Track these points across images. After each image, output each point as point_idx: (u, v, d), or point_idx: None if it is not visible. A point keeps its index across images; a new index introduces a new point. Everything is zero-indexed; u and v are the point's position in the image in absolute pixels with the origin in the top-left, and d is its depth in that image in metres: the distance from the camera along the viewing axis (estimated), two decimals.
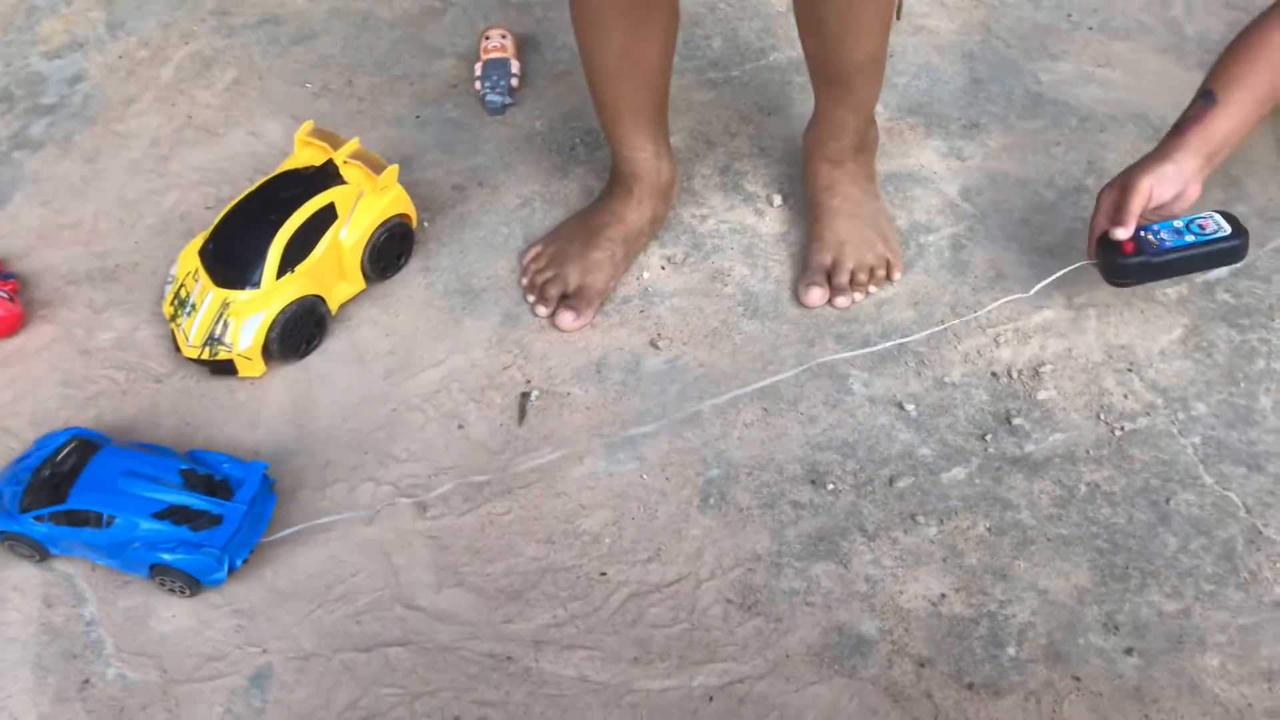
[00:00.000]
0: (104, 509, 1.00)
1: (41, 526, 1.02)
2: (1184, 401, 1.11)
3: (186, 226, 1.31)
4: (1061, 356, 1.15)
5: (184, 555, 0.99)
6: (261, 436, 1.13)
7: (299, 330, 1.16)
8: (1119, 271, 1.12)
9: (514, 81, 1.42)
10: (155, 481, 1.02)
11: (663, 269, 1.25)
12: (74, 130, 1.44)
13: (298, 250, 1.15)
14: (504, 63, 1.43)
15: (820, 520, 1.04)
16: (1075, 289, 1.19)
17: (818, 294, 1.18)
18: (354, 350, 1.19)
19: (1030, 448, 1.08)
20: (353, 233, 1.19)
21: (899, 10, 1.11)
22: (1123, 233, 1.09)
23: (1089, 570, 1.00)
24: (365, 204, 1.20)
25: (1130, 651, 0.95)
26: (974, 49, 1.47)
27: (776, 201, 1.30)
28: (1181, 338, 1.16)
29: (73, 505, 1.01)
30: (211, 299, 1.14)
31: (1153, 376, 1.13)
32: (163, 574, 1.01)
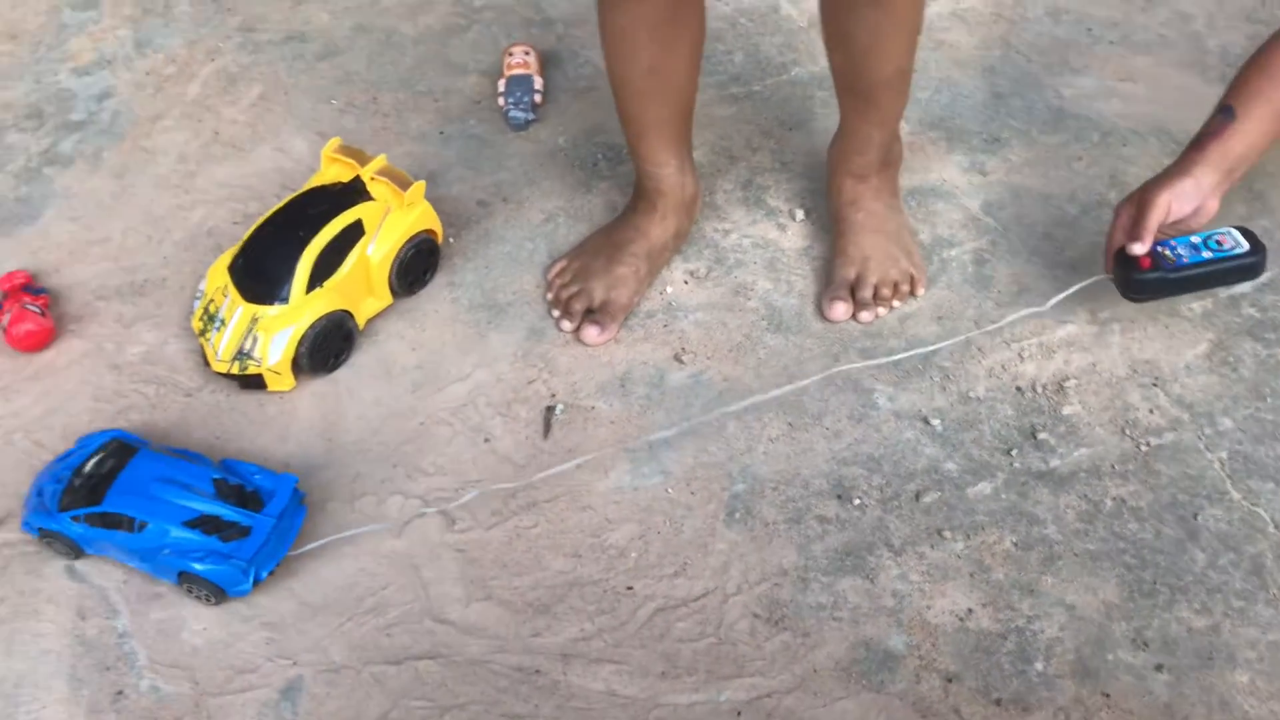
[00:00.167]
0: (137, 514, 1.02)
1: (77, 526, 1.03)
2: (1210, 416, 1.11)
3: (214, 242, 1.32)
4: (1086, 371, 1.15)
5: (212, 565, 1.00)
6: (291, 450, 1.14)
7: (327, 345, 1.17)
8: (1135, 287, 1.12)
9: (537, 98, 1.44)
10: (188, 489, 1.03)
11: (686, 283, 1.26)
12: (103, 146, 1.45)
13: (326, 266, 1.16)
14: (527, 79, 1.44)
15: (846, 535, 1.05)
16: (1098, 303, 1.19)
17: (842, 308, 1.18)
18: (381, 364, 1.20)
19: (1056, 462, 1.08)
20: (380, 248, 1.20)
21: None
22: (1139, 248, 1.09)
23: (1117, 586, 1.00)
24: (392, 220, 1.21)
25: (1160, 668, 0.95)
26: (995, 63, 1.48)
27: (799, 216, 1.31)
28: (1207, 352, 1.16)
29: (107, 508, 1.02)
30: (241, 314, 1.15)
31: (1178, 391, 1.13)
32: (190, 582, 1.02)
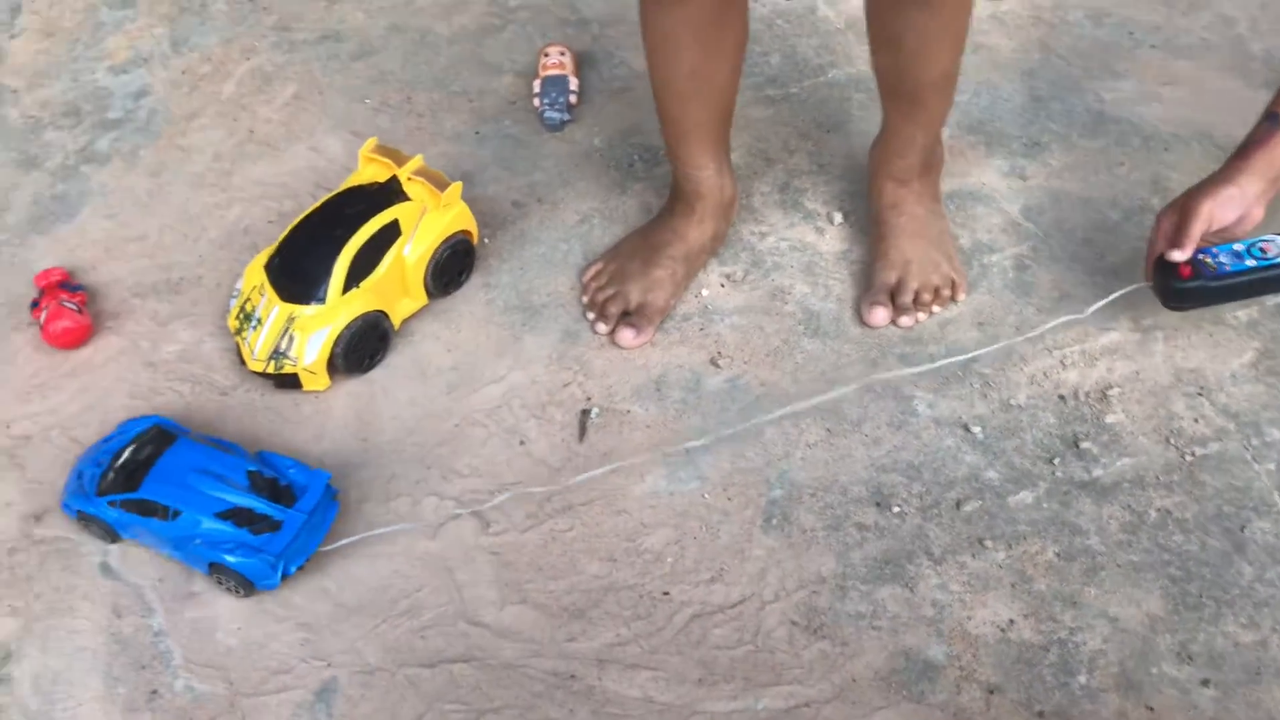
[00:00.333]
0: (171, 503, 1.02)
1: (113, 511, 1.04)
2: (1256, 426, 1.09)
3: (250, 240, 1.32)
4: (1129, 379, 1.13)
5: (242, 558, 1.00)
6: (326, 449, 1.13)
7: (363, 345, 1.17)
8: (1175, 295, 1.10)
9: (572, 98, 1.43)
10: (223, 481, 1.03)
11: (722, 286, 1.25)
12: (139, 144, 1.46)
13: (363, 266, 1.16)
14: (562, 80, 1.44)
15: (885, 543, 1.04)
16: (1141, 311, 1.18)
17: (882, 313, 1.17)
18: (416, 365, 1.20)
19: (1099, 472, 1.07)
20: (416, 249, 1.19)
21: None
22: (1179, 255, 1.07)
23: (1161, 598, 0.98)
24: (429, 221, 1.20)
25: (1206, 683, 0.93)
26: (1034, 67, 1.46)
27: (837, 219, 1.29)
28: (1253, 361, 1.14)
29: (143, 495, 1.03)
30: (277, 313, 1.15)
31: (1224, 401, 1.11)
32: (220, 573, 1.02)
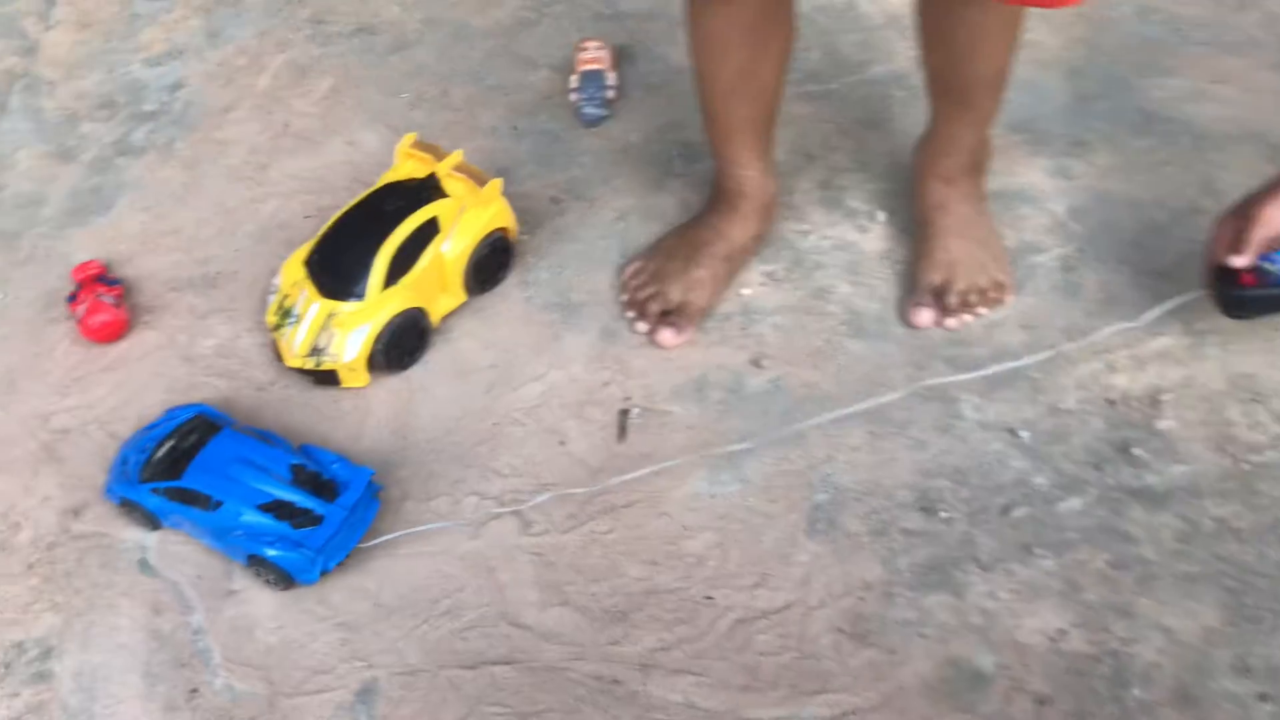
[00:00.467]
0: (213, 493, 1.02)
1: (156, 499, 1.04)
2: None
3: (286, 235, 1.31)
4: (1181, 385, 1.11)
5: (282, 552, 1.00)
6: (365, 447, 1.12)
7: (403, 342, 1.16)
8: (1236, 304, 1.08)
9: (610, 93, 1.42)
10: (265, 473, 1.03)
11: (763, 285, 1.23)
12: (174, 137, 1.45)
13: (402, 263, 1.15)
14: (600, 74, 1.42)
15: (933, 549, 1.02)
16: (1193, 314, 1.15)
17: (927, 315, 1.15)
18: (455, 363, 1.19)
19: (1151, 479, 1.05)
20: (455, 246, 1.18)
21: None
22: (1241, 261, 1.05)
23: (1217, 610, 0.96)
24: (468, 218, 1.19)
25: (1264, 698, 0.91)
26: (1079, 64, 1.44)
27: (880, 218, 1.28)
28: None
29: (186, 484, 1.03)
30: (317, 310, 1.14)
31: None
32: (259, 565, 1.01)
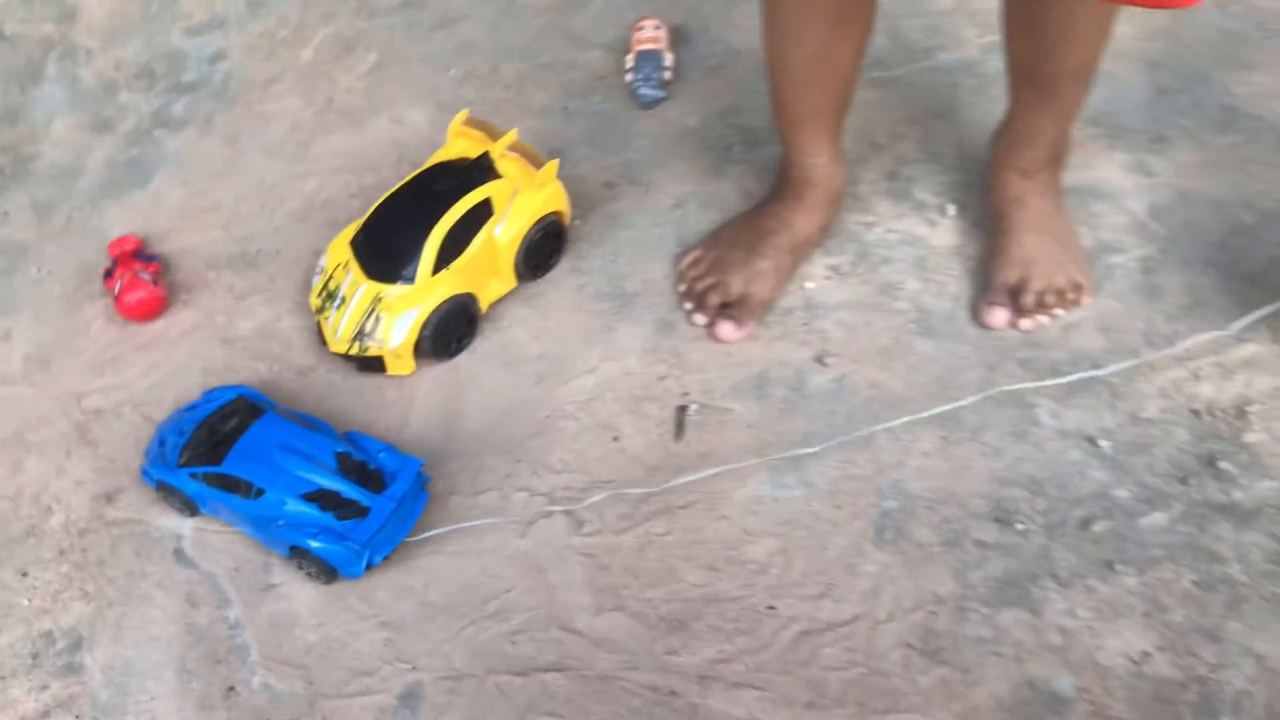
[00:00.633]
0: (255, 480, 0.97)
1: (195, 484, 1.00)
2: None
3: (329, 214, 1.27)
4: (1271, 396, 1.05)
5: (326, 544, 0.95)
6: (410, 437, 1.08)
7: (452, 329, 1.11)
8: None
9: (667, 75, 1.36)
10: (310, 460, 0.98)
11: (827, 279, 1.18)
12: (214, 110, 1.40)
13: (453, 246, 1.10)
14: (657, 55, 1.37)
15: (1008, 563, 0.97)
16: None
17: (1002, 315, 1.10)
18: (504, 352, 1.14)
19: (1238, 495, 0.99)
20: (509, 230, 1.13)
21: None
22: None
23: None
24: (522, 200, 1.14)
25: None
26: (1158, 57, 1.37)
27: (950, 211, 1.22)
28: None
29: (226, 470, 0.98)
30: (363, 293, 1.09)
31: None
32: (301, 557, 0.97)
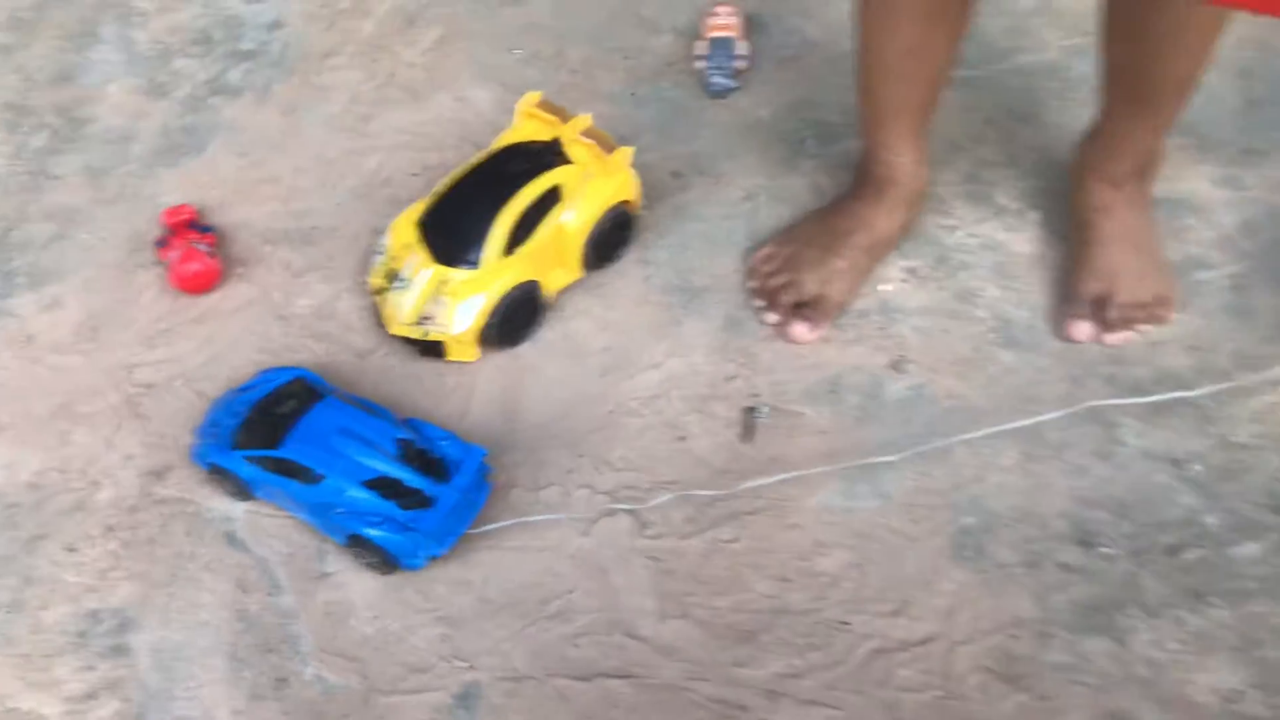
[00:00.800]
0: (314, 465, 0.94)
1: (250, 468, 0.96)
2: None
3: (390, 192, 1.23)
4: None
5: (388, 534, 0.92)
6: (470, 426, 1.05)
7: (516, 317, 1.08)
8: None
9: (740, 64, 1.32)
10: (370, 446, 0.95)
11: (904, 282, 1.14)
12: (272, 79, 1.37)
13: (521, 231, 1.06)
14: (730, 42, 1.32)
15: (1092, 588, 0.93)
16: None
17: (1086, 328, 1.06)
18: (568, 342, 1.11)
19: None
20: (578, 217, 1.10)
21: None
22: None
23: None
24: (593, 187, 1.10)
25: None
26: (1250, 65, 1.33)
27: (1031, 218, 1.18)
28: None
29: (284, 454, 0.95)
30: (428, 276, 1.06)
31: None
32: (360, 547, 0.94)
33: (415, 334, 1.06)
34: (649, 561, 0.96)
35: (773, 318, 1.10)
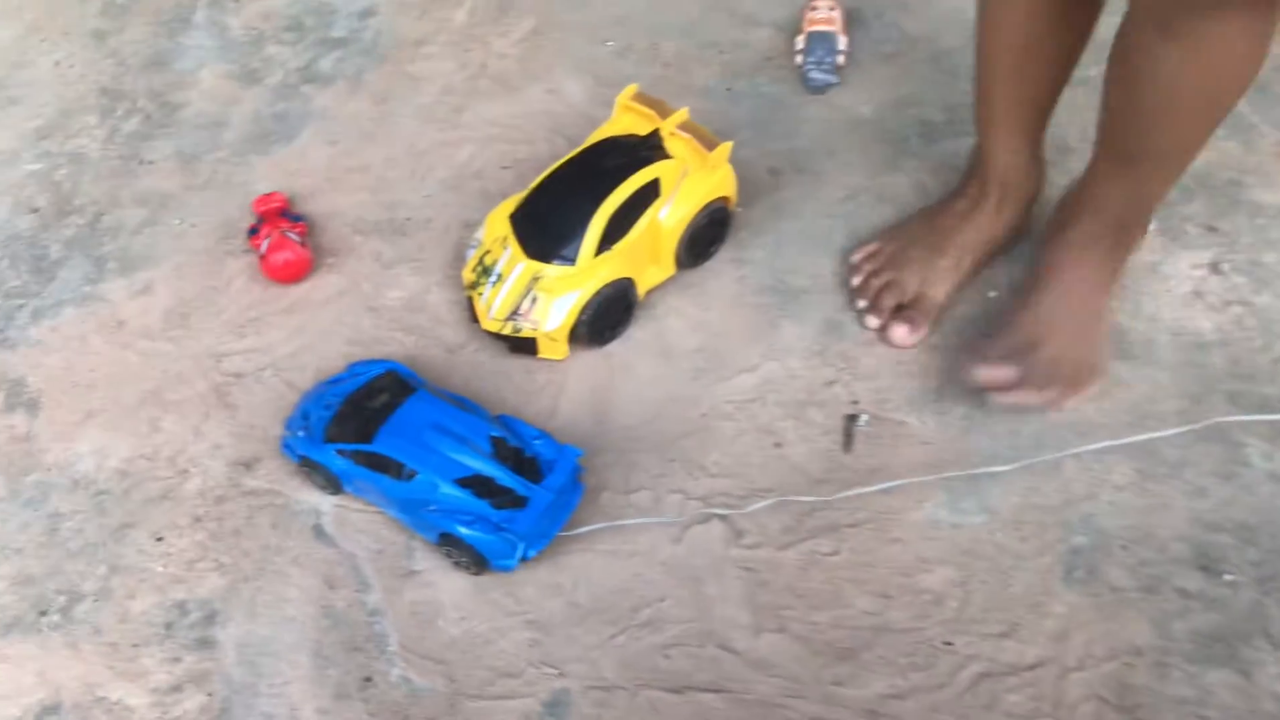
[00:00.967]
0: (408, 461, 0.92)
1: (342, 461, 0.95)
2: None
3: (481, 185, 1.21)
4: None
5: (481, 533, 0.90)
6: (559, 425, 1.02)
7: (610, 315, 1.05)
8: None
9: (840, 59, 1.28)
10: (464, 443, 0.93)
11: (1013, 289, 1.09)
12: (364, 68, 1.36)
13: (618, 227, 1.04)
14: (830, 37, 1.28)
15: (1215, 617, 0.88)
16: None
17: (985, 373, 0.97)
18: (659, 342, 1.08)
19: None
20: (674, 213, 1.07)
21: None
22: None
23: None
24: (691, 183, 1.07)
25: None
26: None
27: (1150, 226, 1.12)
28: None
29: (377, 448, 0.93)
30: (521, 271, 1.03)
31: None
32: (452, 545, 0.92)
33: (506, 330, 1.04)
34: (744, 572, 0.93)
35: (874, 321, 1.06)
